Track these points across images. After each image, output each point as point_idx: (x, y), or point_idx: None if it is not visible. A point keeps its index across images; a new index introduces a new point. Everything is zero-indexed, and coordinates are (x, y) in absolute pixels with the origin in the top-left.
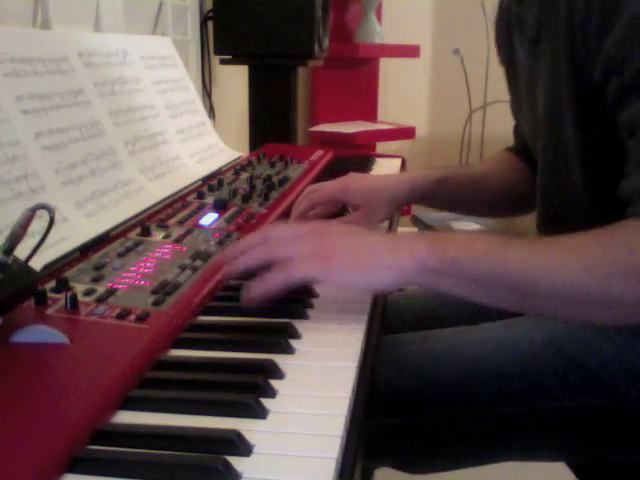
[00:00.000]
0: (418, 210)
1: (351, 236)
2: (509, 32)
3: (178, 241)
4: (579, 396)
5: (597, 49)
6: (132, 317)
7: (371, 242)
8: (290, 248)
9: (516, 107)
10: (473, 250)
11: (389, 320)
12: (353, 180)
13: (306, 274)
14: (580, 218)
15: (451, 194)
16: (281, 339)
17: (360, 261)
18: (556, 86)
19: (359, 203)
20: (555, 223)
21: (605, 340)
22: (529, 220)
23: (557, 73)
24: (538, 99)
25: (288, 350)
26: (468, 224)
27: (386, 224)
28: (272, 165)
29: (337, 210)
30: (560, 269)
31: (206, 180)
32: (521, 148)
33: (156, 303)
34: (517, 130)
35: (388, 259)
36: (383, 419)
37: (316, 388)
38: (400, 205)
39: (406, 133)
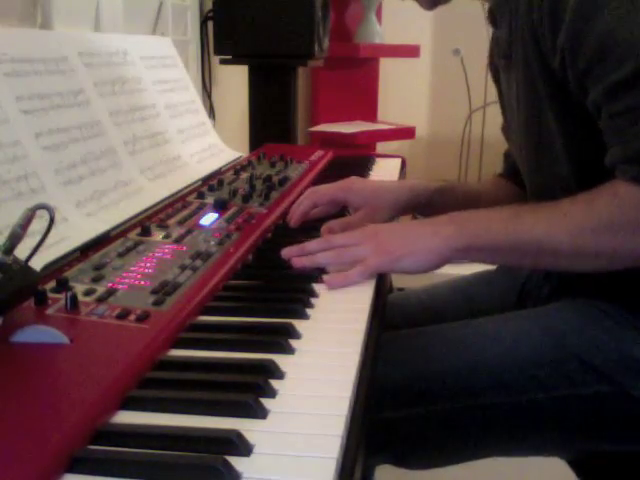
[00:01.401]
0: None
1: (397, 230)
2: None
3: (178, 241)
4: (576, 386)
5: (552, 44)
6: (132, 317)
7: (414, 232)
8: (358, 253)
9: (507, 129)
10: (489, 226)
11: (389, 319)
12: (355, 182)
13: (377, 268)
14: None
15: (448, 206)
16: (281, 339)
17: (412, 249)
18: (532, 85)
19: (361, 204)
20: None
21: (601, 330)
22: None
23: (531, 74)
24: (514, 109)
25: (288, 350)
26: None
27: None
28: (272, 165)
29: (337, 211)
30: (556, 231)
31: (206, 180)
32: (511, 172)
33: (156, 303)
34: (507, 158)
35: (429, 244)
36: (381, 414)
37: (316, 388)
38: (400, 210)
39: (406, 133)
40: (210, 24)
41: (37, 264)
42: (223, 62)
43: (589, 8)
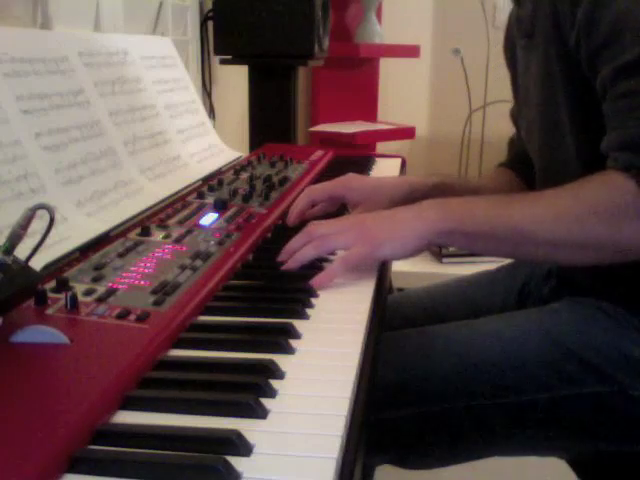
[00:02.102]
0: None
1: (379, 217)
2: (512, 34)
3: (178, 241)
4: (575, 386)
5: (571, 21)
6: (132, 317)
7: (397, 217)
8: (338, 241)
9: (517, 111)
10: (473, 212)
11: (389, 320)
12: (353, 178)
13: (358, 257)
14: None
15: None
16: (281, 339)
17: (393, 235)
18: (549, 65)
19: (359, 200)
20: None
21: (601, 330)
22: None
23: (549, 54)
24: (530, 90)
25: (288, 350)
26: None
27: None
28: (272, 165)
29: (336, 209)
30: (538, 221)
31: (206, 180)
32: (515, 160)
33: (156, 303)
34: (511, 146)
35: (413, 228)
36: (381, 414)
37: (316, 388)
38: (398, 205)
39: (406, 133)
40: (210, 24)
41: (37, 264)
42: (223, 62)
43: None
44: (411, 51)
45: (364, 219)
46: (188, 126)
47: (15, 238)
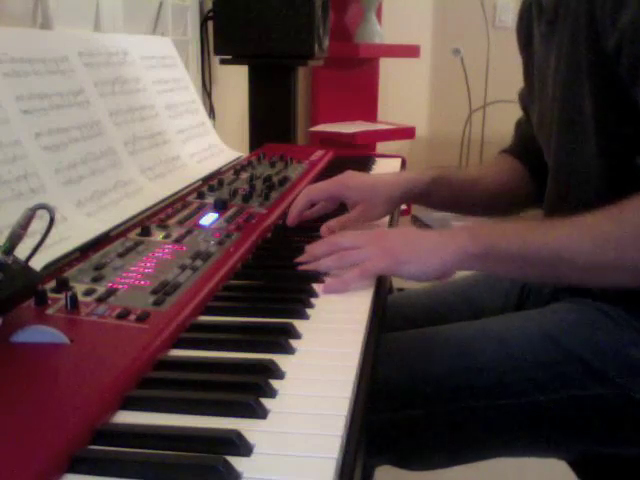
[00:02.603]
0: (418, 210)
1: (406, 235)
2: (529, 18)
3: (178, 241)
4: (576, 388)
5: (612, 23)
6: (132, 317)
7: (424, 238)
8: (360, 255)
9: (528, 97)
10: (506, 235)
11: (390, 320)
12: (351, 176)
13: (377, 270)
14: (590, 199)
15: (446, 194)
16: (281, 339)
17: (418, 255)
18: (575, 58)
19: (357, 200)
20: (563, 205)
21: (602, 332)
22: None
23: (576, 47)
24: (548, 75)
25: (288, 350)
26: (468, 224)
27: (387, 220)
28: (272, 165)
29: (334, 208)
30: (576, 244)
31: (206, 180)
32: (519, 147)
33: (156, 303)
34: (518, 129)
35: (440, 251)
36: (382, 415)
37: (316, 388)
38: (397, 202)
39: (406, 133)
40: (210, 24)
41: (37, 264)
42: (223, 62)
43: None
44: (411, 51)
45: (389, 235)
46: (188, 126)
47: (15, 238)
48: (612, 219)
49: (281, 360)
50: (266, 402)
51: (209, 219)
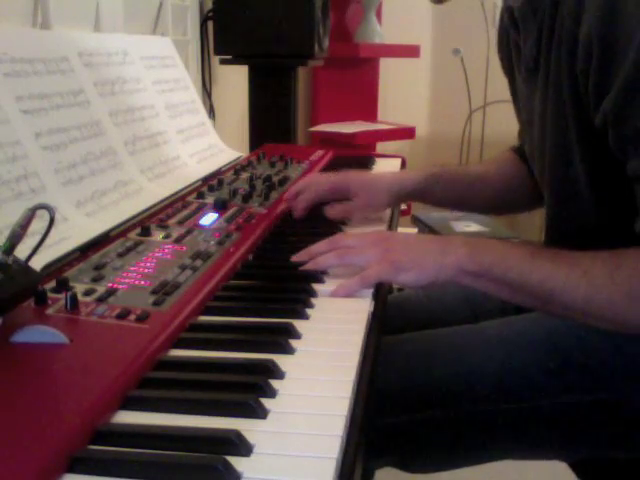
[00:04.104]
0: (418, 210)
1: (407, 241)
2: (509, 51)
3: (178, 241)
4: (577, 393)
5: (596, 101)
6: (132, 317)
7: (424, 247)
8: (361, 256)
9: (518, 116)
10: (505, 260)
11: (389, 320)
12: (351, 172)
13: (377, 278)
14: (588, 235)
15: (444, 190)
16: (281, 339)
17: (416, 263)
18: (562, 125)
19: (359, 190)
20: (562, 238)
21: (603, 338)
22: (530, 221)
23: (562, 112)
24: (534, 123)
25: (288, 350)
26: (468, 224)
27: (387, 219)
28: (272, 165)
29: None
30: (571, 288)
31: (206, 180)
32: (523, 150)
33: (156, 303)
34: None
35: (437, 262)
36: (383, 418)
37: (316, 388)
38: (395, 195)
39: (406, 133)
40: (210, 24)
41: (37, 264)
42: (223, 62)
43: None
44: (411, 51)
45: (390, 239)
46: (188, 126)
47: (15, 238)
48: (608, 274)
49: (281, 360)
50: (266, 402)
51: (209, 219)
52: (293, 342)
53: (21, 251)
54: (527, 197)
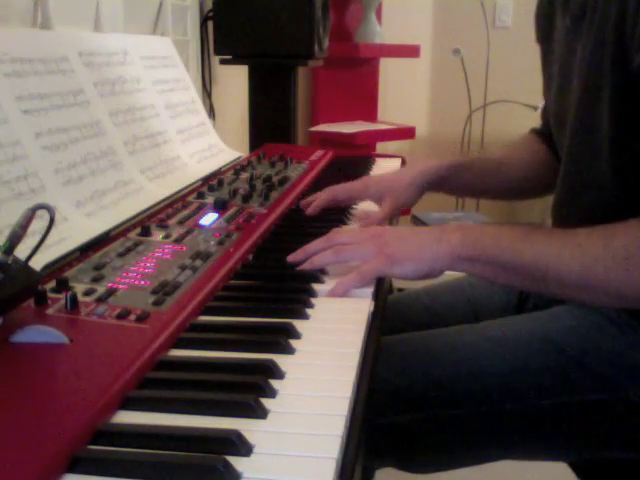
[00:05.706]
0: (418, 210)
1: (401, 233)
2: (551, 7)
3: (178, 241)
4: (578, 393)
5: (638, 47)
6: (132, 317)
7: (417, 237)
8: (357, 252)
9: (546, 88)
10: (499, 241)
11: (389, 320)
12: (370, 177)
13: (375, 272)
14: (600, 205)
15: (465, 179)
16: (281, 339)
17: (411, 254)
18: (599, 62)
19: (379, 195)
20: (572, 207)
21: (604, 337)
22: (529, 209)
23: (602, 50)
24: (572, 76)
25: (288, 350)
26: (467, 223)
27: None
28: (272, 165)
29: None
30: (566, 261)
31: (206, 180)
32: (547, 130)
33: (156, 303)
34: (545, 112)
35: (433, 251)
36: (383, 418)
37: (316, 388)
38: (420, 186)
39: (406, 133)
40: (210, 24)
41: (37, 264)
42: (223, 62)
43: None
44: (411, 51)
45: (385, 233)
46: (188, 126)
47: (15, 238)
48: (603, 243)
49: (281, 360)
50: (266, 402)
51: (209, 219)
52: (293, 342)
53: (21, 251)
54: (545, 179)
